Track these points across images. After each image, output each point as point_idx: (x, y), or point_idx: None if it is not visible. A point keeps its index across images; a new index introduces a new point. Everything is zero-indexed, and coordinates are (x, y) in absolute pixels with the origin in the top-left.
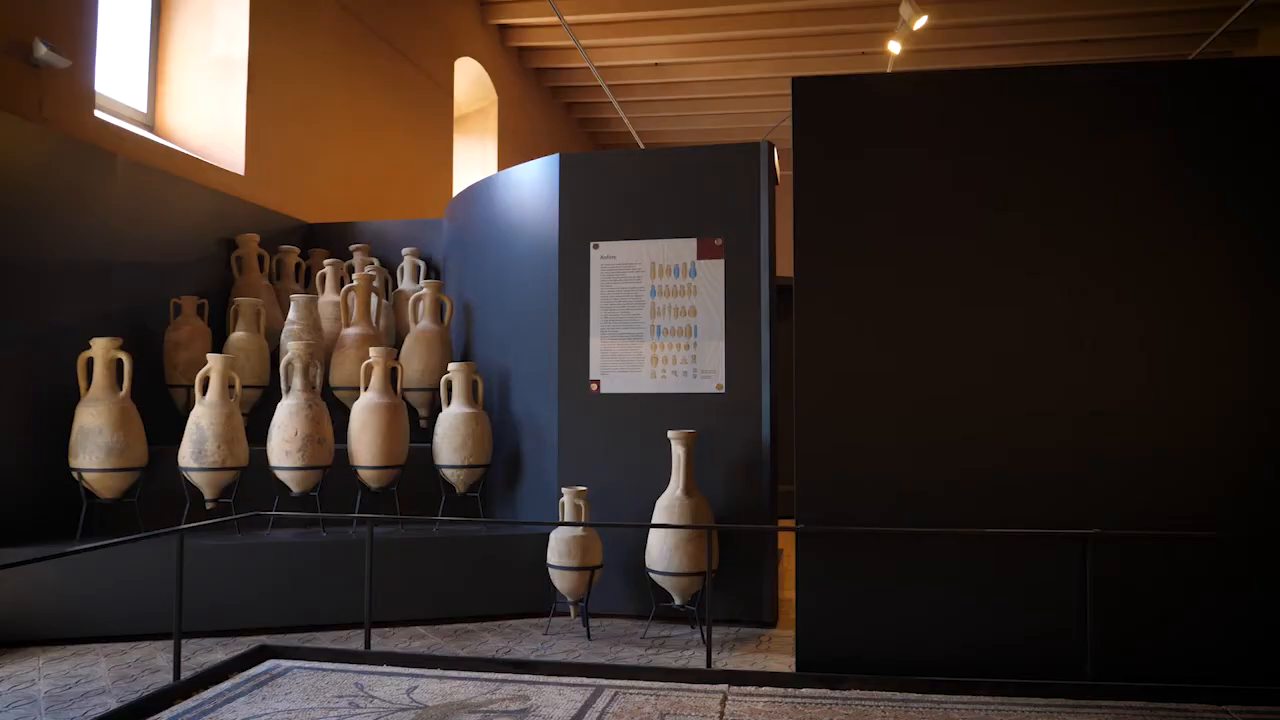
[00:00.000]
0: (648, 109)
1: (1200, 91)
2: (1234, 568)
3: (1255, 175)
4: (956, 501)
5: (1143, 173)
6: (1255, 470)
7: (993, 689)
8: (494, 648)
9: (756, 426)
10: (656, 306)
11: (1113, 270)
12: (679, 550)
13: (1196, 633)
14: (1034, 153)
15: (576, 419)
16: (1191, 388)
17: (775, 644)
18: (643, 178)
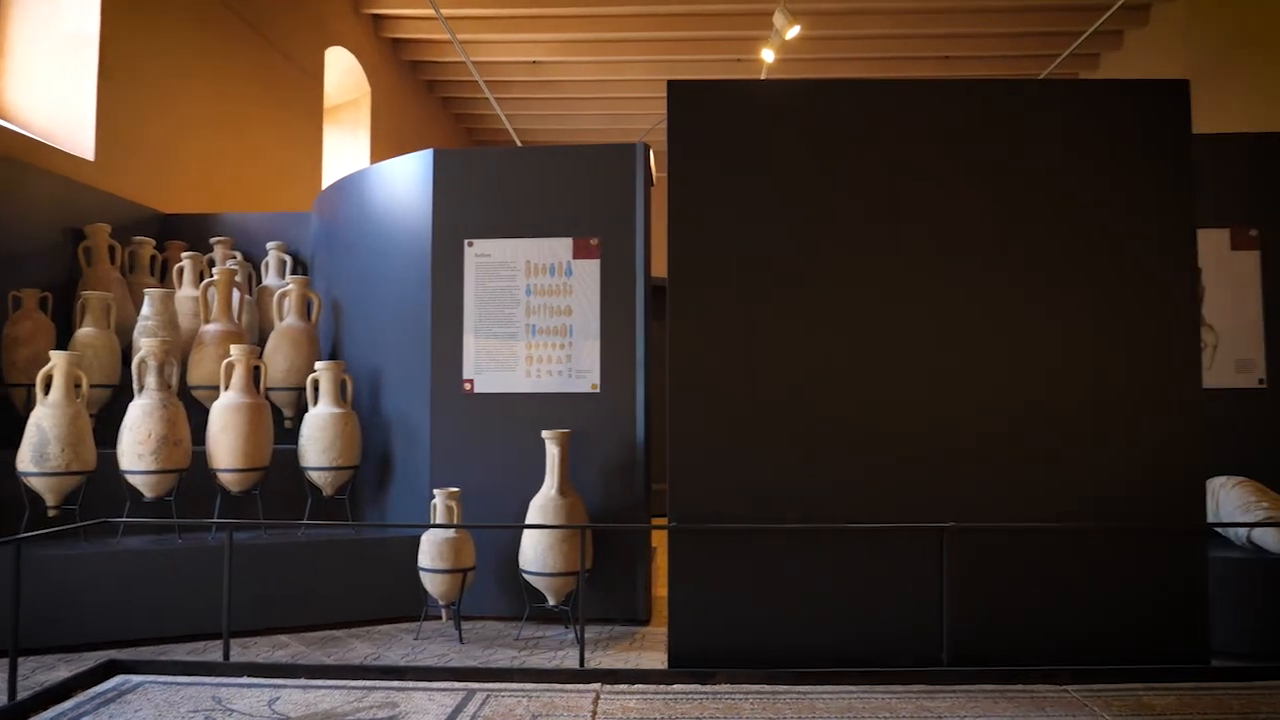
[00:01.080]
0: (525, 107)
1: (1046, 107)
2: (1074, 558)
3: (1105, 185)
4: (823, 497)
5: (1000, 182)
6: (1098, 466)
7: (857, 678)
8: (362, 654)
9: (631, 426)
10: (532, 305)
11: (970, 275)
12: (553, 550)
13: (1042, 619)
14: (900, 160)
15: (449, 419)
16: (1041, 388)
17: (649, 641)
18: (519, 176)
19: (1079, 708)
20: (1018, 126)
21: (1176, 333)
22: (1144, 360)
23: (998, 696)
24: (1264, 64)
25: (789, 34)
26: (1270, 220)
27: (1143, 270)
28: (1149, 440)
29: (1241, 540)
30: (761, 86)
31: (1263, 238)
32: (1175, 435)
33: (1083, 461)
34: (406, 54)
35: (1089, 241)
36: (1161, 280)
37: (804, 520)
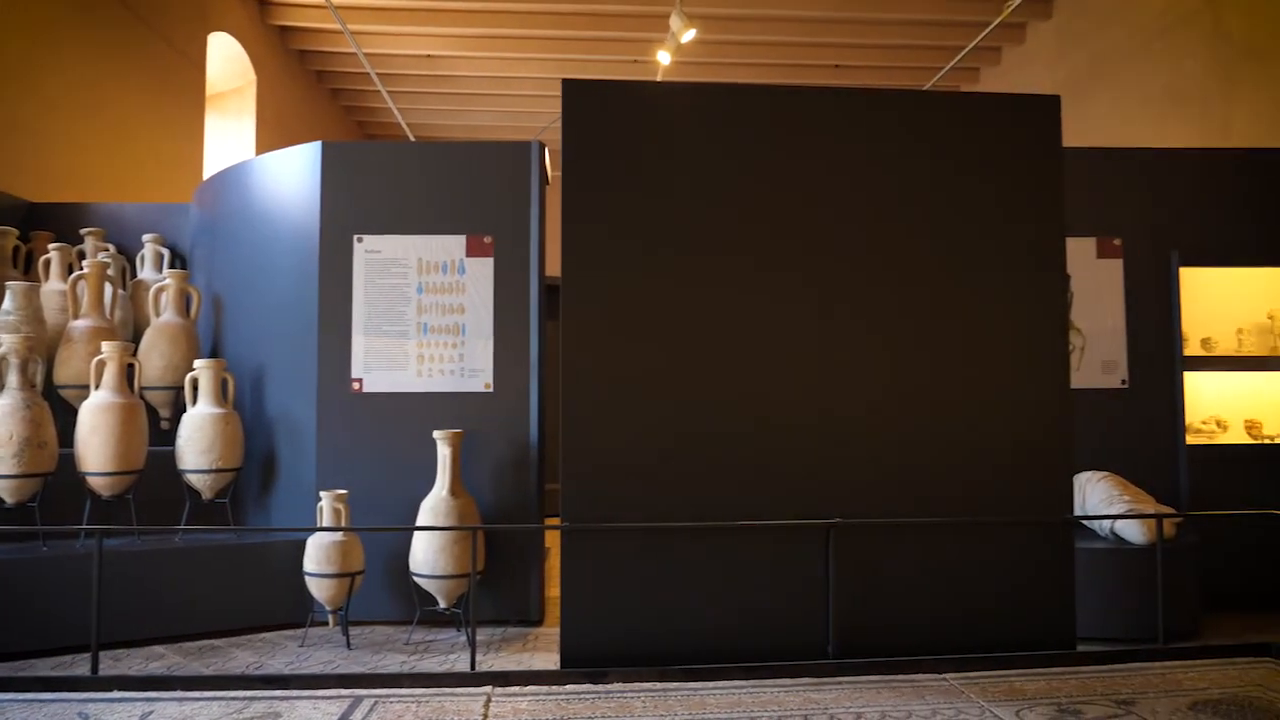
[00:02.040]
0: (419, 101)
1: (929, 116)
2: (952, 551)
3: (982, 193)
4: (714, 495)
5: (883, 187)
6: (974, 463)
7: (745, 673)
8: (243, 663)
9: (525, 426)
10: (423, 304)
11: (854, 278)
12: (444, 552)
13: (923, 610)
14: (790, 164)
15: (337, 419)
16: (920, 388)
17: (542, 642)
18: (411, 171)
19: (956, 695)
20: (902, 134)
21: (1047, 335)
22: (1017, 361)
23: (881, 687)
24: (1129, 81)
25: (685, 37)
26: (1132, 230)
27: (1016, 275)
28: (1021, 437)
29: (1105, 532)
30: (656, 88)
31: (1125, 247)
32: (1046, 433)
33: (960, 458)
34: (295, 42)
35: (967, 246)
36: (1034, 285)
37: (695, 518)
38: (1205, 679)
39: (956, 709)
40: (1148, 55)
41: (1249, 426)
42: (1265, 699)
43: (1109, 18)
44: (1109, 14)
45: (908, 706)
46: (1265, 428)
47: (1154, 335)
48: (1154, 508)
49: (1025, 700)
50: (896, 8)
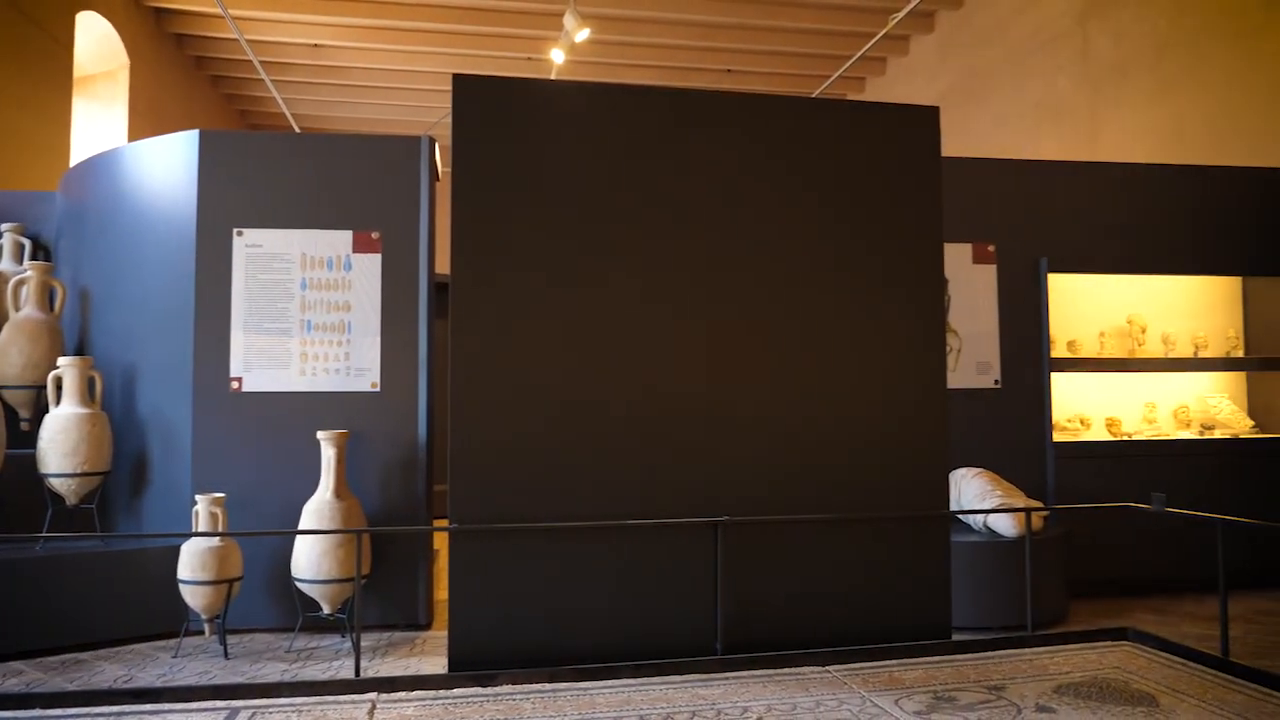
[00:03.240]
0: (305, 92)
1: (816, 123)
2: (836, 546)
3: (865, 199)
4: (605, 495)
5: (771, 190)
6: (856, 460)
7: (635, 671)
8: (111, 677)
9: (412, 426)
10: (307, 300)
11: (741, 279)
12: (328, 556)
13: (808, 604)
14: (681, 166)
15: (214, 419)
16: (805, 388)
17: (430, 646)
18: (296, 164)
19: (839, 686)
20: (790, 139)
21: (925, 337)
22: (897, 362)
23: (767, 680)
24: (1005, 95)
25: (578, 36)
26: (1006, 237)
27: (897, 279)
28: (901, 436)
29: (979, 526)
30: (549, 86)
31: (999, 253)
32: (924, 431)
33: (843, 456)
34: (171, 25)
35: (850, 250)
36: (913, 289)
37: (586, 518)
38: (1069, 663)
39: (839, 700)
40: (1023, 71)
41: (1109, 424)
42: (1121, 679)
43: (987, 34)
44: (987, 31)
45: (792, 699)
46: (1124, 425)
47: (1024, 338)
48: (1024, 502)
49: (904, 689)
50: (787, 16)
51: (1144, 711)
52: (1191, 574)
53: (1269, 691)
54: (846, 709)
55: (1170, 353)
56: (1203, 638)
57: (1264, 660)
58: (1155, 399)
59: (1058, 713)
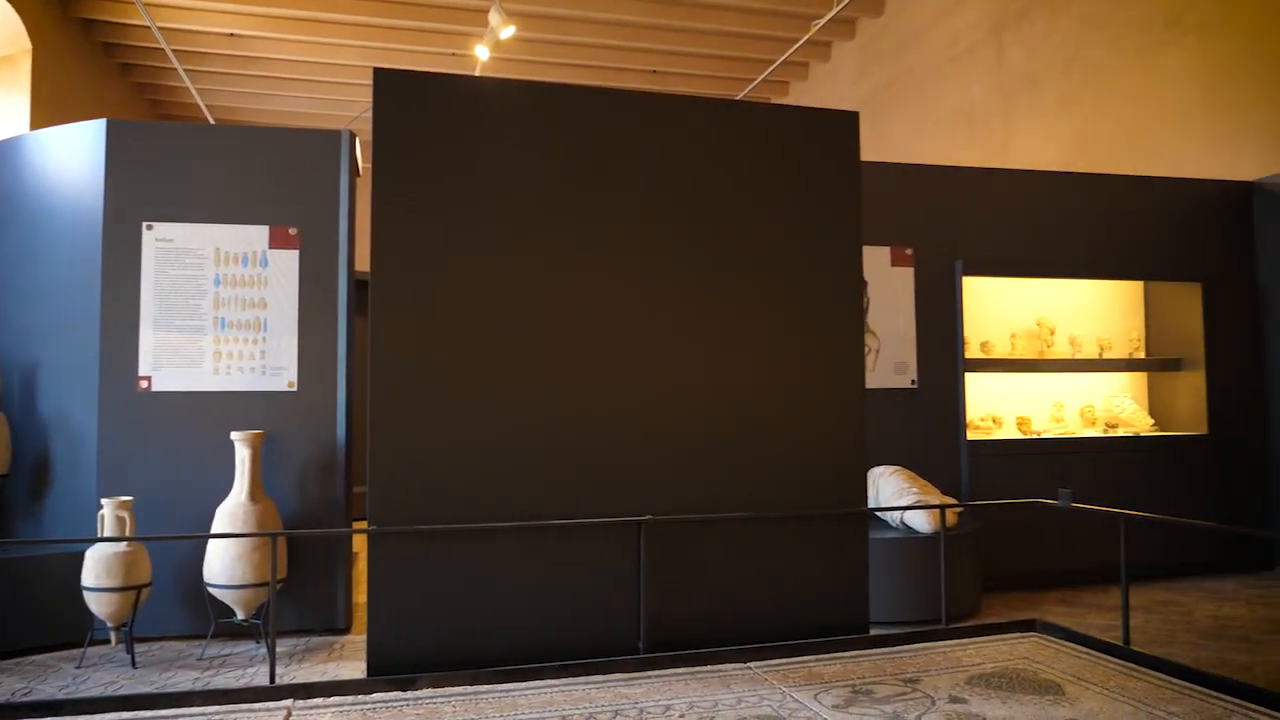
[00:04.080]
0: (221, 82)
1: (740, 126)
2: (757, 544)
3: (787, 201)
4: (528, 495)
5: (694, 191)
6: (776, 459)
7: (558, 672)
8: (9, 690)
9: (331, 426)
10: (221, 297)
11: (666, 280)
12: (242, 560)
13: (730, 602)
14: (605, 166)
15: (121, 420)
16: (727, 389)
17: (348, 651)
18: (210, 156)
19: (760, 682)
20: (714, 141)
21: (845, 338)
22: (818, 363)
23: (689, 678)
24: (922, 102)
25: (503, 33)
26: (923, 240)
27: (818, 280)
28: (821, 435)
29: (896, 522)
30: (472, 83)
31: (916, 256)
32: (842, 430)
33: (764, 455)
34: (78, 10)
35: (773, 252)
36: (833, 290)
37: (509, 518)
38: (981, 654)
39: (760, 696)
40: (939, 79)
41: (1020, 423)
42: (1030, 669)
43: (905, 42)
44: (905, 39)
45: (714, 696)
46: (1033, 423)
47: (940, 339)
48: (939, 499)
49: (823, 683)
50: (712, 19)
51: (1050, 700)
52: (1097, 566)
53: (1167, 678)
54: (767, 705)
55: (1077, 354)
56: (1107, 628)
57: (1162, 648)
58: (1063, 399)
59: (969, 703)
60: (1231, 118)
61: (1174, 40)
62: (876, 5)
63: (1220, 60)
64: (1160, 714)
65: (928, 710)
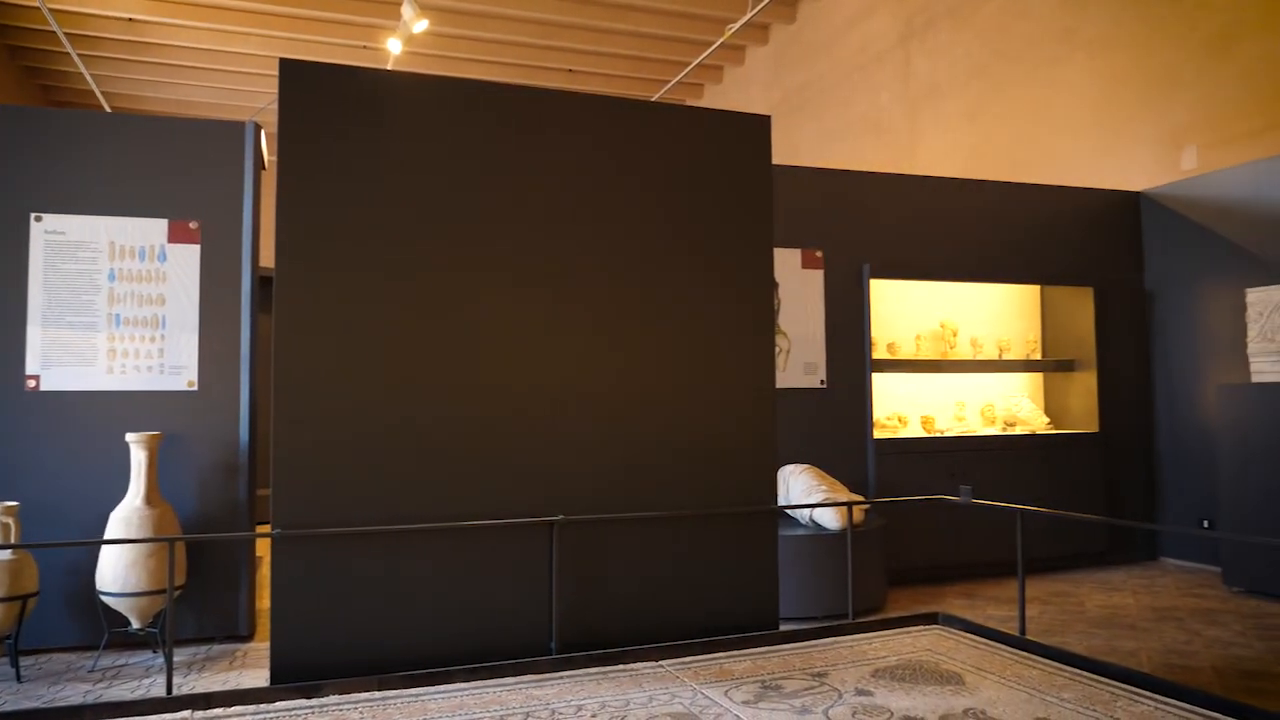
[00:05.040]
0: (119, 69)
1: (655, 127)
2: (669, 543)
3: (700, 203)
4: (438, 496)
5: (609, 191)
6: (689, 459)
7: (468, 675)
8: None
9: (233, 426)
10: (116, 293)
11: (577, 279)
12: (137, 567)
13: (643, 601)
14: (518, 164)
15: (7, 421)
16: (640, 389)
17: (251, 658)
18: (105, 145)
19: (672, 680)
20: (628, 141)
21: (756, 339)
22: (729, 363)
23: (601, 678)
24: (832, 108)
25: (416, 27)
26: (832, 243)
27: (729, 281)
28: (732, 434)
29: (806, 519)
30: (382, 76)
31: (826, 258)
32: (753, 429)
33: (677, 454)
34: None
35: (686, 253)
36: (745, 291)
37: (420, 520)
38: (886, 648)
39: (671, 693)
40: (849, 86)
41: (924, 421)
42: (932, 661)
43: (817, 49)
44: (817, 45)
45: (626, 695)
46: (937, 422)
47: (849, 340)
48: (846, 496)
49: (733, 680)
50: (629, 20)
51: (951, 690)
52: (996, 560)
53: (1060, 666)
54: (679, 702)
55: (978, 355)
56: (1005, 619)
57: (1056, 637)
58: (965, 398)
59: (875, 695)
60: (1121, 130)
61: (1067, 55)
62: (789, 12)
63: (1110, 74)
64: (1053, 700)
65: (835, 703)
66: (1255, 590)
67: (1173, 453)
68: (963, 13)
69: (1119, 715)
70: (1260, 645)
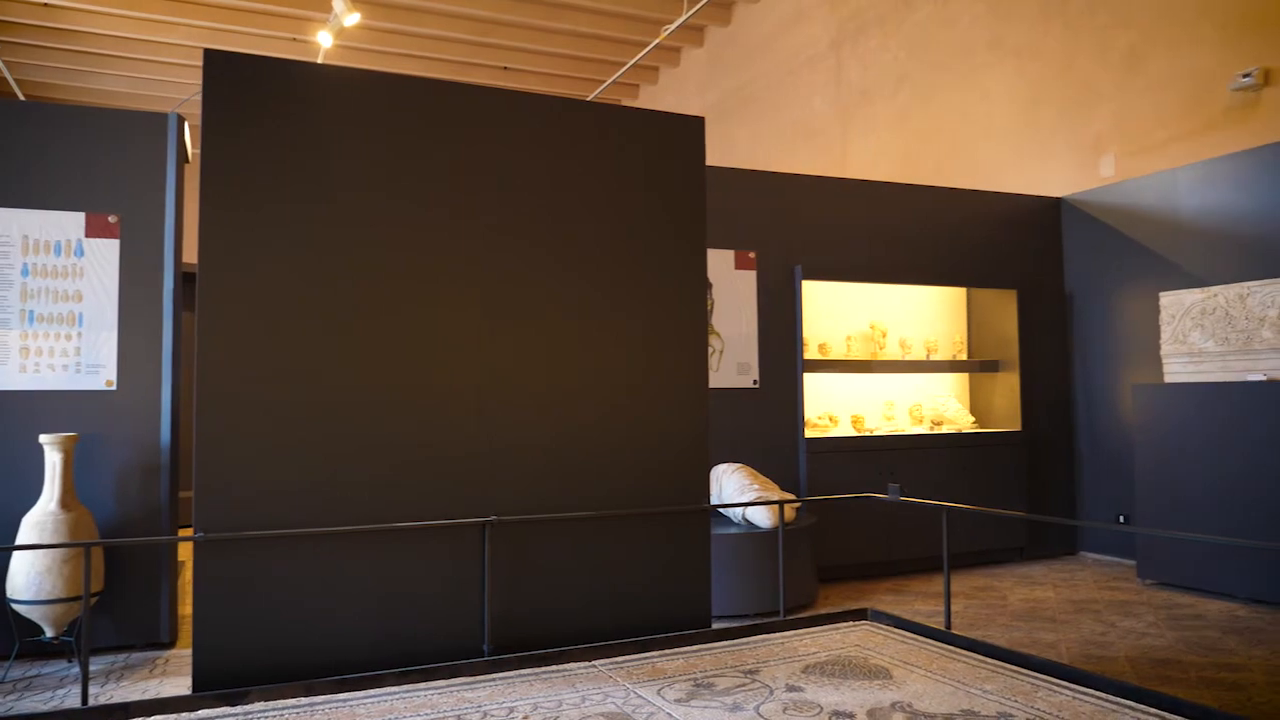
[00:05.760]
0: (34, 56)
1: (591, 126)
2: (603, 543)
3: (635, 203)
4: (368, 499)
5: (542, 190)
6: (623, 458)
7: (399, 678)
8: None
9: (154, 427)
10: (29, 288)
11: (515, 277)
12: (51, 573)
13: (577, 602)
14: (452, 161)
15: None
16: (574, 388)
17: (173, 666)
18: (17, 135)
19: (605, 680)
20: (564, 140)
21: (689, 339)
22: (662, 363)
23: (534, 679)
24: (766, 111)
25: (348, 20)
26: (766, 245)
27: (663, 281)
28: (665, 433)
29: (739, 518)
30: (311, 69)
31: (759, 259)
32: (687, 429)
33: (611, 454)
34: None
35: (620, 253)
36: (678, 291)
37: (349, 522)
38: (816, 644)
39: (604, 693)
40: (782, 90)
41: (854, 421)
42: (861, 656)
43: (751, 53)
44: (751, 49)
45: (559, 696)
46: (866, 421)
47: (781, 340)
48: (778, 495)
49: (666, 678)
50: (565, 18)
51: (880, 684)
52: (924, 556)
53: (983, 659)
54: (611, 702)
55: (907, 356)
56: (932, 613)
57: (980, 631)
58: (894, 398)
59: (805, 691)
60: (1043, 137)
61: (994, 63)
62: (724, 15)
63: (1034, 84)
64: (977, 692)
65: (766, 700)
66: (1167, 583)
67: (1091, 451)
68: (892, 20)
69: (1039, 705)
70: (1171, 635)
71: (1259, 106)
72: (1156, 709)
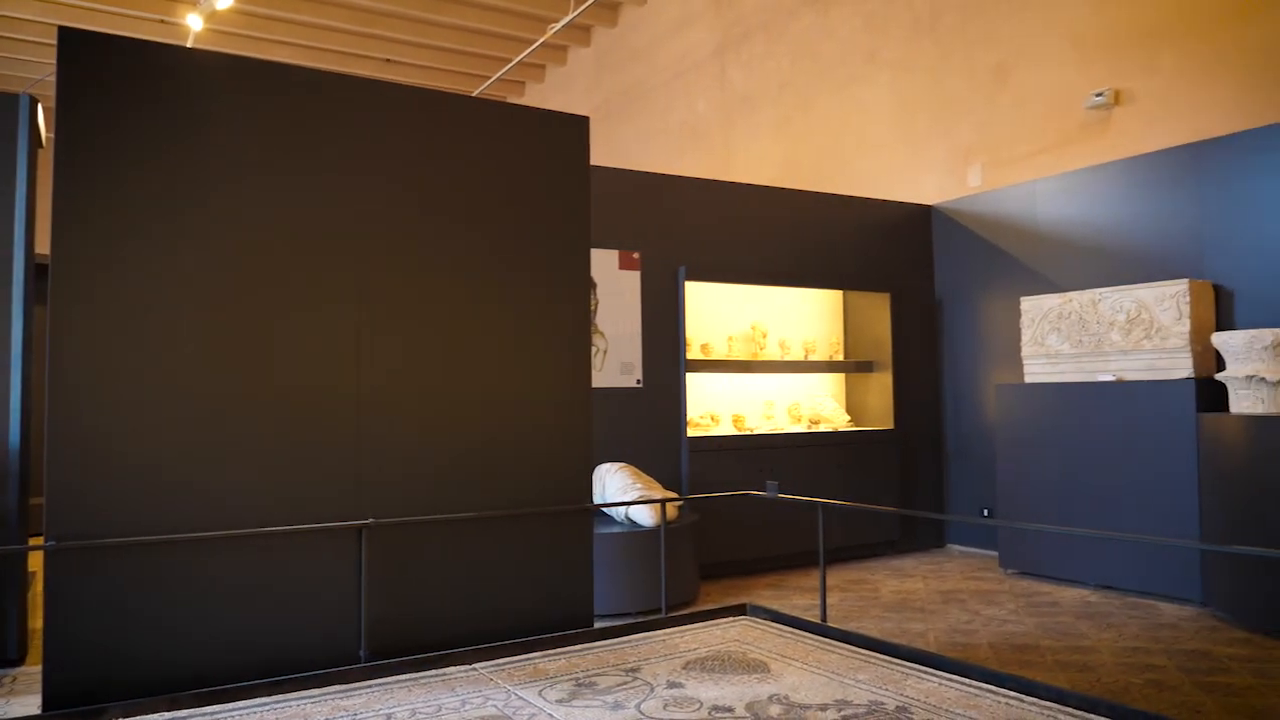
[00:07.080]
0: None
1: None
2: (484, 544)
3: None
4: (237, 503)
5: (426, 186)
6: (505, 458)
7: (270, 689)
8: None
9: (3, 429)
10: None
11: (393, 276)
12: None
13: (457, 604)
14: (330, 154)
15: None
16: (456, 388)
17: (22, 683)
18: None
19: (485, 683)
20: (446, 136)
21: (572, 338)
22: (545, 362)
23: (412, 684)
24: (651, 113)
25: (220, 3)
26: (650, 245)
27: (546, 280)
28: (548, 433)
29: (622, 517)
30: (177, 52)
31: (644, 260)
32: (569, 428)
33: (491, 454)
34: None
35: (503, 252)
36: (561, 291)
37: (216, 528)
38: (696, 640)
39: (484, 696)
40: (668, 92)
41: (735, 420)
42: (740, 651)
43: (637, 54)
44: (638, 51)
45: (438, 700)
46: (747, 420)
47: (664, 341)
48: (661, 493)
49: (548, 679)
50: (451, 12)
51: (758, 678)
52: (802, 550)
53: (856, 650)
54: (492, 705)
55: (786, 356)
56: (809, 607)
57: (853, 622)
58: (773, 398)
59: (685, 687)
60: (916, 147)
61: (870, 75)
62: (611, 15)
63: (907, 96)
64: (850, 682)
65: (647, 697)
66: (1027, 572)
67: (958, 448)
68: (775, 28)
69: (908, 693)
70: (1030, 621)
71: (1110, 124)
72: (1015, 691)
